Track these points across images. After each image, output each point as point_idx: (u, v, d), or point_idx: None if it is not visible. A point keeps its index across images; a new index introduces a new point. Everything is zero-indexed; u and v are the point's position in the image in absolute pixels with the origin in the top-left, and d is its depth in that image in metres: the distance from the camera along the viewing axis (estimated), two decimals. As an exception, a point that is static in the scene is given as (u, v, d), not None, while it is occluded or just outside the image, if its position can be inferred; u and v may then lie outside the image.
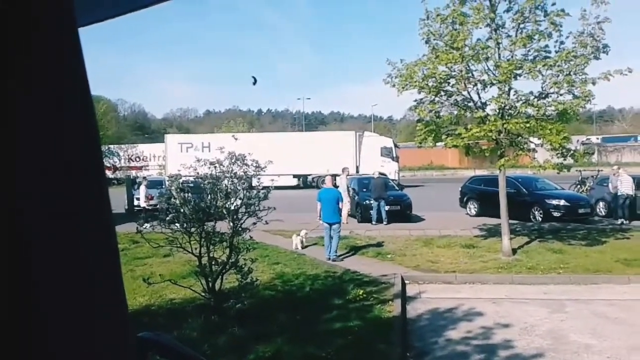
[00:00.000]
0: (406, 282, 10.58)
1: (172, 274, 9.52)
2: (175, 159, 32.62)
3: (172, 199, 7.82)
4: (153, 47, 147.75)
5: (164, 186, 14.55)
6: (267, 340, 6.92)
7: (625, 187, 17.88)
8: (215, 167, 7.92)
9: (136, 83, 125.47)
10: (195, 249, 7.69)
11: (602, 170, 24.71)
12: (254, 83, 18.35)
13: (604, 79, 11.34)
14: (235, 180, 7.89)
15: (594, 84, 11.39)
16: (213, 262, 7.70)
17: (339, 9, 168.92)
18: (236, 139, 9.27)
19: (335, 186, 14.00)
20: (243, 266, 7.79)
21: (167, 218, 7.74)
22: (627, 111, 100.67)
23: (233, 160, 7.93)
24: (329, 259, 12.36)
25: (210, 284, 7.76)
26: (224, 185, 7.84)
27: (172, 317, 7.83)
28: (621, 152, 62.74)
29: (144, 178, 23.66)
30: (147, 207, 17.34)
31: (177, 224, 7.76)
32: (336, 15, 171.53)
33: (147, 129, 79.04)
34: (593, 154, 54.96)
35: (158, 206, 9.19)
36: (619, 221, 17.69)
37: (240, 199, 7.91)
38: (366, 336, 7.15)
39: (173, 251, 8.09)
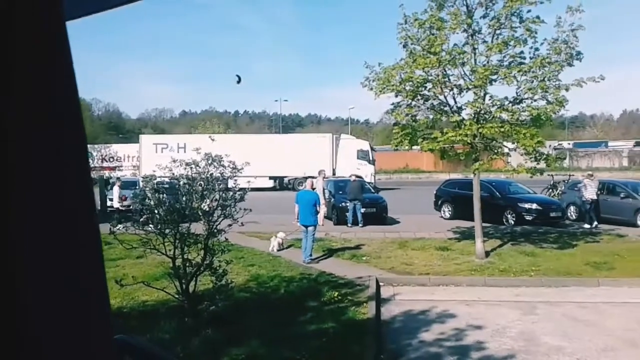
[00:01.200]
0: (381, 284, 10.63)
1: (145, 276, 9.39)
2: (150, 159, 32.24)
3: (147, 200, 7.72)
4: (129, 46, 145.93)
5: (138, 187, 14.37)
6: (241, 343, 6.88)
7: (589, 192, 18.35)
8: (191, 168, 7.85)
9: (111, 82, 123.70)
10: (170, 250, 7.61)
11: (573, 175, 25.22)
12: (239, 82, 18.32)
13: (577, 85, 11.57)
14: (212, 182, 7.83)
15: (567, 90, 11.61)
16: (187, 264, 7.63)
17: (317, 11, 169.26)
18: (213, 140, 9.21)
19: (313, 188, 14.02)
20: (218, 268, 7.74)
21: (141, 219, 7.65)
22: (598, 117, 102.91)
23: (210, 162, 7.88)
24: (304, 261, 12.37)
25: (184, 286, 7.69)
26: (199, 187, 7.78)
27: (145, 320, 7.73)
28: (592, 157, 64.22)
29: (118, 179, 23.30)
30: (120, 208, 17.09)
31: (151, 225, 7.67)
32: (315, 17, 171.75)
33: (121, 129, 77.85)
34: (565, 158, 55.94)
35: (131, 207, 9.07)
36: (586, 226, 18.11)
37: (216, 200, 7.86)
38: (340, 338, 7.16)
39: (146, 253, 7.99)
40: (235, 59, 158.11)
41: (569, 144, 77.62)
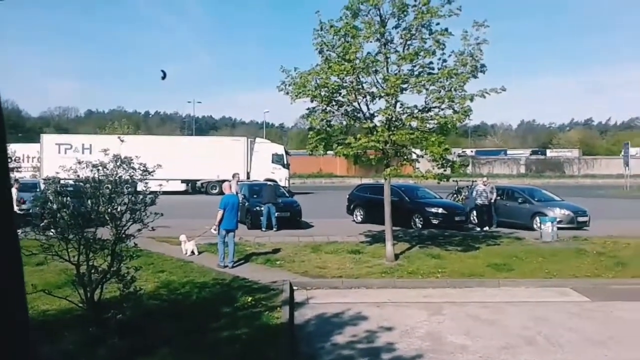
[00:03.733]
0: (295, 288, 10.68)
1: (47, 284, 8.83)
2: (52, 160, 30.60)
3: (49, 204, 7.26)
4: (30, 39, 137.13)
5: (38, 189, 13.51)
6: (150, 352, 6.64)
7: (480, 197, 19.51)
8: (98, 170, 7.48)
9: (9, 78, 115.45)
10: (73, 257, 7.19)
11: (476, 181, 26.55)
12: (164, 77, 17.66)
13: (481, 96, 12.19)
14: (120, 185, 7.50)
15: (471, 100, 12.20)
16: (93, 271, 7.24)
17: (234, 13, 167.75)
18: (122, 140, 8.82)
19: (236, 193, 13.82)
20: (126, 275, 7.42)
21: (42, 224, 7.18)
22: (498, 127, 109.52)
23: (118, 163, 7.54)
24: (226, 266, 12.21)
25: (89, 294, 7.30)
26: (106, 190, 7.42)
27: (46, 330, 7.26)
28: (492, 164, 68.19)
29: (16, 180, 21.68)
30: (18, 212, 15.96)
31: (52, 230, 7.23)
32: (231, 20, 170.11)
33: (20, 128, 72.62)
34: (468, 165, 59.06)
35: (31, 211, 8.49)
36: (478, 229, 19.21)
37: (125, 204, 7.53)
38: (254, 344, 7.10)
39: (48, 259, 7.50)
40: (146, 56, 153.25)
41: (472, 151, 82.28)
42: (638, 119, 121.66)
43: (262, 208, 18.73)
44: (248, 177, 34.80)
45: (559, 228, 17.00)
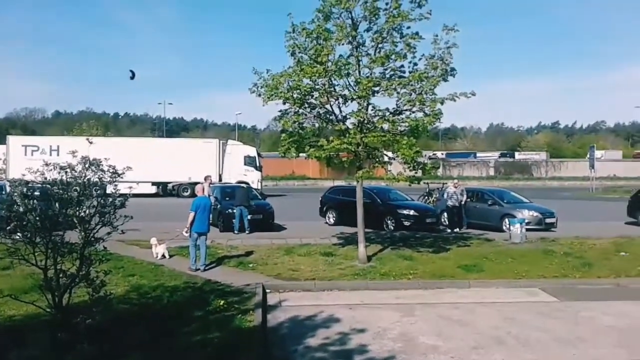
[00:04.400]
0: (267, 291, 10.63)
1: (13, 289, 8.64)
2: (19, 162, 29.91)
3: (15, 206, 7.08)
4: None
5: (4, 192, 13.16)
6: (120, 357, 6.55)
7: (451, 199, 19.81)
8: (66, 172, 7.33)
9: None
10: (41, 261, 7.03)
11: (446, 184, 26.86)
12: (132, 77, 17.35)
13: (451, 99, 12.36)
14: (89, 187, 7.36)
15: (442, 103, 12.35)
16: (61, 275, 7.09)
17: (205, 15, 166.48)
18: (91, 142, 8.68)
19: (209, 195, 13.69)
20: (95, 279, 7.28)
21: (8, 227, 7.00)
22: (468, 130, 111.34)
23: (87, 166, 7.40)
24: (197, 269, 12.10)
25: (57, 299, 7.14)
26: (75, 192, 7.28)
27: (12, 336, 7.10)
28: (463, 167, 69.15)
29: (-20, 182, 21.15)
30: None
31: (19, 234, 7.05)
32: (202, 21, 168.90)
33: (-15, 129, 70.91)
34: (439, 168, 59.83)
35: (-5, 214, 8.27)
36: (448, 230, 19.49)
37: (94, 206, 7.40)
38: (226, 347, 7.05)
39: (14, 264, 7.31)
40: (115, 57, 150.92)
41: (442, 154, 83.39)
42: (603, 122, 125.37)
43: (235, 210, 18.62)
44: (220, 180, 34.50)
45: (527, 229, 17.33)
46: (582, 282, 11.89)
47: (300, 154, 13.64)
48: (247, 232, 18.20)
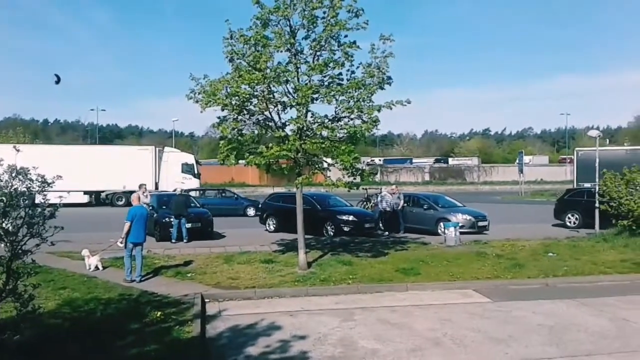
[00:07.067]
0: (206, 300, 10.46)
1: None
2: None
3: None
4: None
5: None
6: (51, 375, 6.25)
7: (385, 203, 20.27)
8: (-10, 181, 6.93)
9: None
10: (-38, 275, 6.63)
11: (384, 189, 27.38)
12: (57, 82, 16.49)
13: (388, 107, 12.62)
14: (16, 197, 7.00)
15: (379, 111, 12.56)
16: (-15, 290, 6.70)
17: (138, 19, 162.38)
18: (18, 150, 8.20)
19: (146, 204, 13.31)
20: (23, 293, 6.91)
21: None
22: (404, 136, 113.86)
23: (14, 175, 7.03)
24: (133, 280, 11.73)
25: (-20, 316, 6.74)
26: (0, 203, 6.90)
27: None
28: (399, 172, 70.63)
29: None
30: None
31: (-63, 248, 6.62)
32: (137, 26, 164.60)
33: None
34: (377, 173, 60.75)
35: None
36: (386, 234, 19.94)
37: (21, 217, 7.03)
38: (164, 360, 6.88)
39: None
40: (44, 62, 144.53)
41: (380, 160, 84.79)
42: (531, 129, 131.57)
43: (172, 219, 18.20)
44: (156, 188, 33.71)
45: (461, 232, 17.87)
46: (514, 282, 12.38)
47: (240, 161, 13.51)
48: (185, 240, 17.85)
